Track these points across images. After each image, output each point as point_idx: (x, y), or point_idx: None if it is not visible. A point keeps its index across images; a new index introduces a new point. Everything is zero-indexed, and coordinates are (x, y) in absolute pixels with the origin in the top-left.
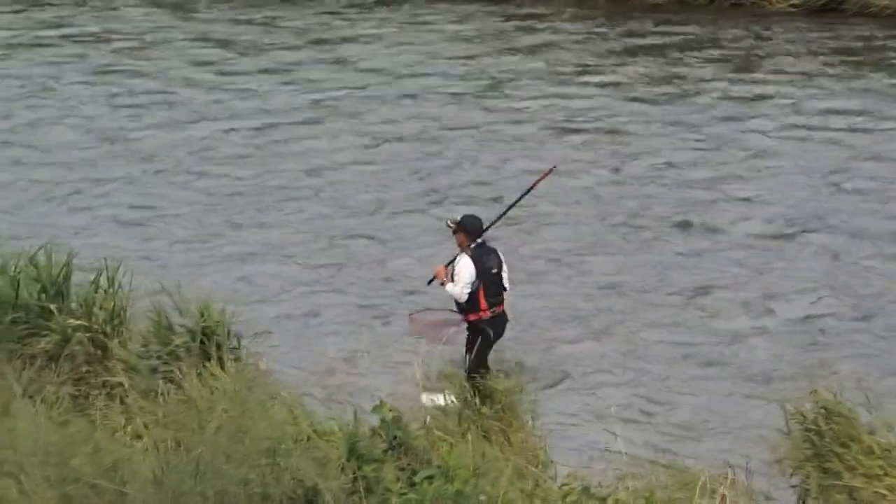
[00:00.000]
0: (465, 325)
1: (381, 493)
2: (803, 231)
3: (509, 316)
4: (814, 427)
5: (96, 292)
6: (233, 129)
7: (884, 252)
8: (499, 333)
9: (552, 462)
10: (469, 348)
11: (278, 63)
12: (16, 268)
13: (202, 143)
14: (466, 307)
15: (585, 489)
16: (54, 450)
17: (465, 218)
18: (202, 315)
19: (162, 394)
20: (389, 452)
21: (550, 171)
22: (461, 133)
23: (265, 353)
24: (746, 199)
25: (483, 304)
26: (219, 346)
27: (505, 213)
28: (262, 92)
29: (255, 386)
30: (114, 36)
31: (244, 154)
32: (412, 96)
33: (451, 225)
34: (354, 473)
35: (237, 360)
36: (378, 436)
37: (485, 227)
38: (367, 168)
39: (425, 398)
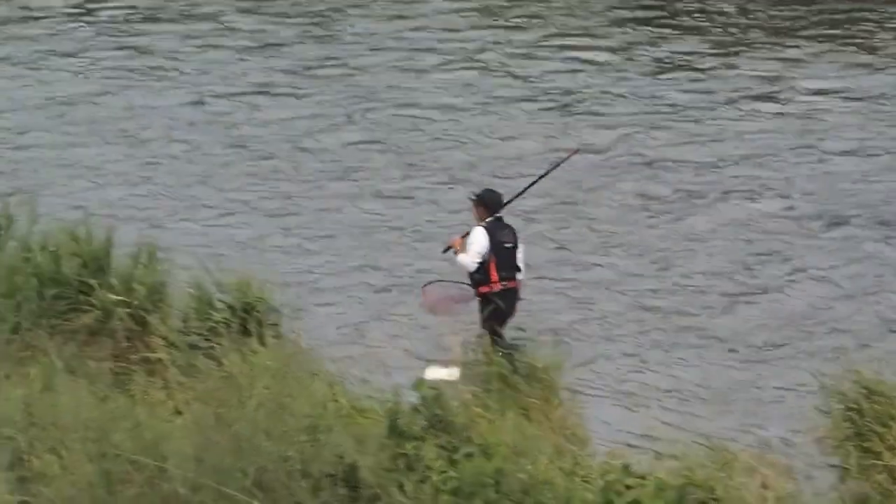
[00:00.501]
0: (476, 300)
1: (422, 470)
2: (833, 219)
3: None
4: (854, 406)
5: (136, 268)
6: (279, 116)
7: None
8: (510, 310)
9: (591, 440)
10: (482, 322)
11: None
12: (56, 243)
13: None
14: (478, 279)
15: (625, 467)
16: (95, 425)
17: (485, 192)
18: (242, 291)
19: (202, 370)
20: (429, 430)
21: (575, 151)
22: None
23: (305, 329)
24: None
25: (494, 276)
26: (259, 323)
27: (525, 190)
28: (302, 78)
29: (295, 363)
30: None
31: (279, 136)
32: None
33: (472, 198)
34: (394, 451)
35: (277, 336)
36: (418, 413)
37: (504, 202)
38: (393, 147)
39: (429, 373)
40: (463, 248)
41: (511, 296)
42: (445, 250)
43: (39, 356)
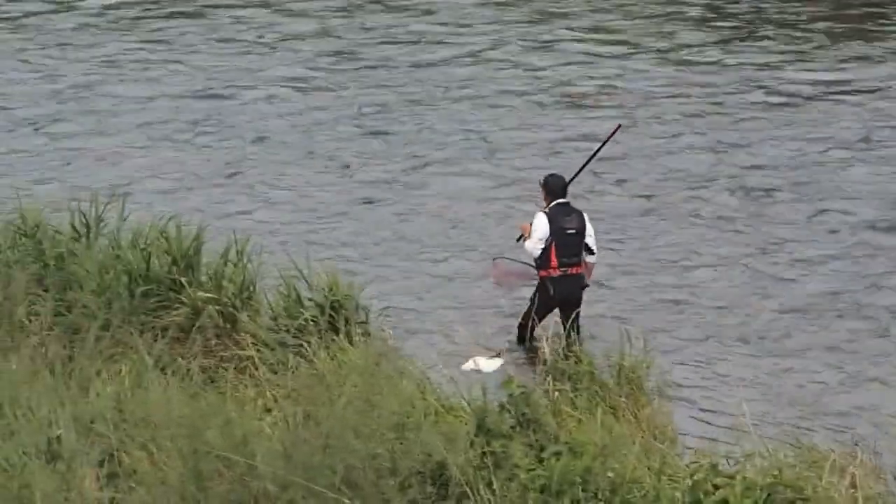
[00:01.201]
0: (536, 281)
1: (509, 468)
2: None
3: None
4: None
5: (226, 265)
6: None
7: None
8: (566, 295)
9: (679, 439)
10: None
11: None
12: (146, 240)
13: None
14: (540, 263)
15: (713, 467)
16: (185, 423)
17: (547, 177)
18: (330, 289)
19: (291, 368)
20: (517, 428)
21: (618, 127)
22: None
23: (394, 327)
24: None
25: (553, 261)
26: (347, 321)
27: (577, 174)
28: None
29: (383, 361)
30: None
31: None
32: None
33: (540, 182)
34: (482, 449)
35: (365, 334)
36: (506, 412)
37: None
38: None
39: (470, 364)
40: (529, 234)
41: (571, 282)
42: (519, 238)
43: (130, 353)
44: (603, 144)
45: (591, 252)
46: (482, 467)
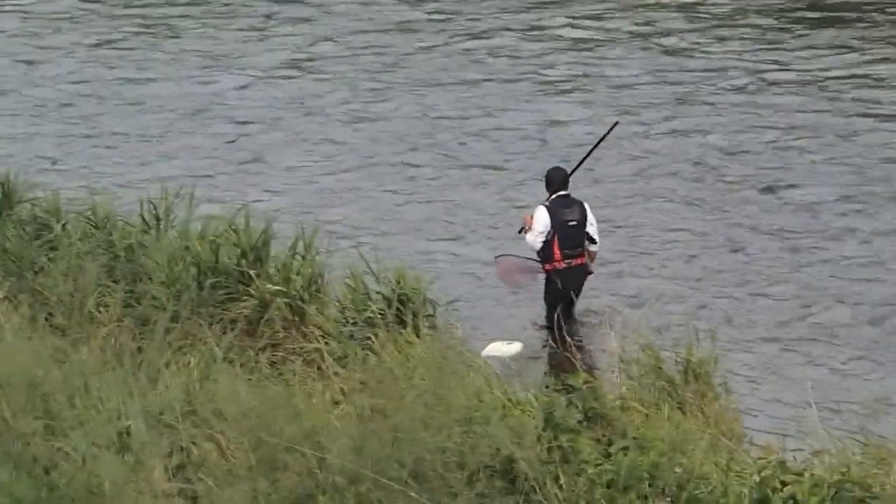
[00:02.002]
0: (542, 276)
1: (577, 463)
2: None
3: (593, 269)
4: None
5: (294, 258)
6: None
7: None
8: (572, 285)
9: (746, 435)
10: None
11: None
12: (215, 233)
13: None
14: (543, 257)
15: (781, 463)
16: (254, 414)
17: (549, 170)
18: (398, 282)
19: (358, 360)
20: (584, 423)
21: (616, 123)
22: None
23: (461, 320)
24: None
25: (557, 254)
26: (414, 314)
27: (576, 167)
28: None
29: (450, 354)
30: None
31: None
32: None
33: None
34: (550, 443)
35: (432, 327)
36: (574, 406)
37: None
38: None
39: (489, 349)
40: (531, 226)
41: (575, 273)
42: (521, 230)
43: (198, 345)
44: (601, 140)
45: (592, 241)
46: (549, 461)
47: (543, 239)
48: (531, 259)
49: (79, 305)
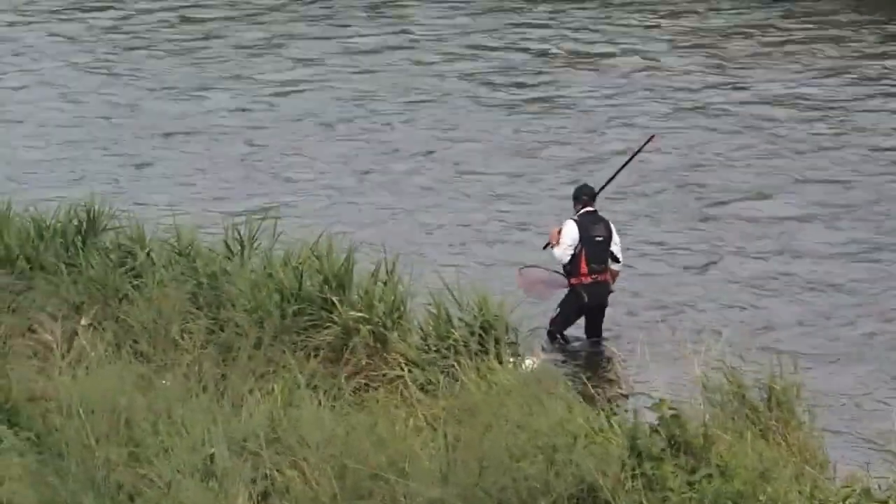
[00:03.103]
0: (567, 289)
1: (661, 491)
2: None
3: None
4: None
5: (376, 284)
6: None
7: None
8: (596, 300)
9: (830, 463)
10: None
11: None
12: (299, 259)
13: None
14: (570, 270)
15: (865, 491)
16: (338, 441)
17: (578, 187)
18: (480, 309)
19: (441, 388)
20: (668, 450)
21: (651, 138)
22: None
23: (543, 347)
24: None
25: (584, 268)
26: (497, 341)
27: (608, 182)
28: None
29: (532, 381)
30: None
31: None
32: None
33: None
34: (633, 471)
35: (515, 354)
36: (657, 433)
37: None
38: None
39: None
40: (558, 241)
41: (601, 288)
42: (546, 245)
43: (282, 372)
44: (634, 155)
45: (616, 260)
46: (633, 489)
47: (572, 252)
48: (556, 272)
49: (163, 332)
